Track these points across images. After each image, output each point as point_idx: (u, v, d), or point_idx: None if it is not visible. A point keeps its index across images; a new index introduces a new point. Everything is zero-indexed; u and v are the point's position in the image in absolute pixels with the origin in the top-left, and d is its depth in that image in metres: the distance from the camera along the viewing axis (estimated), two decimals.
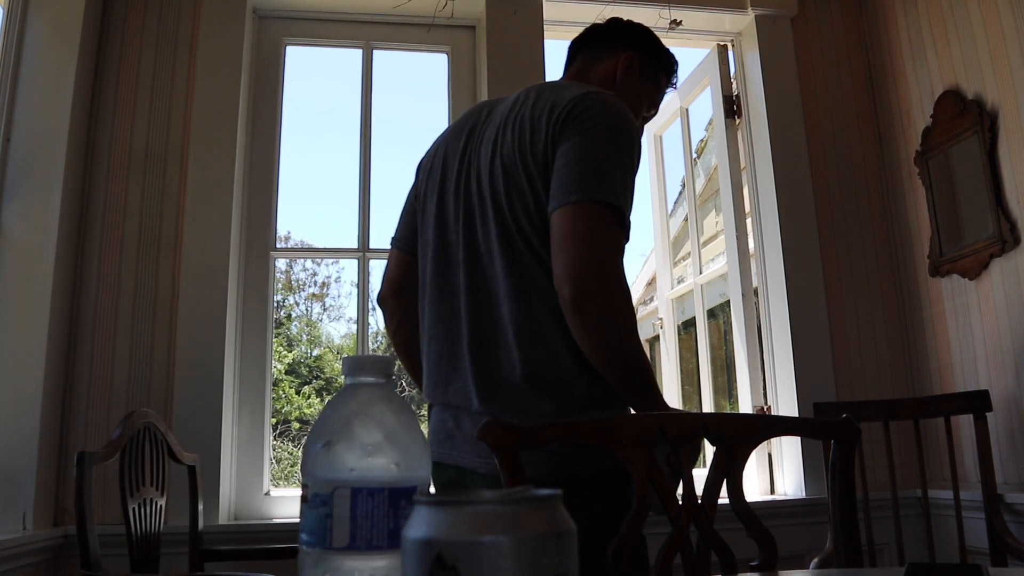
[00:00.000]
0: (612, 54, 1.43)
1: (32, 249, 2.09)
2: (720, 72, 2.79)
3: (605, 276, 1.10)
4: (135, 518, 1.66)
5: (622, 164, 1.16)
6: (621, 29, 1.47)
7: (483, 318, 1.21)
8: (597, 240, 1.11)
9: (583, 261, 1.10)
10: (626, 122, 1.21)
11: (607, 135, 1.17)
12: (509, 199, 1.20)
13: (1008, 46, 2.19)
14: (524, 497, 0.41)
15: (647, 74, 1.44)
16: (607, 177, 1.14)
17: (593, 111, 1.19)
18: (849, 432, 1.10)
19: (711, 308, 2.94)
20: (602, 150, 1.16)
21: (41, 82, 2.19)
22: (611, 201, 1.12)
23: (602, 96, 1.22)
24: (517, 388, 1.16)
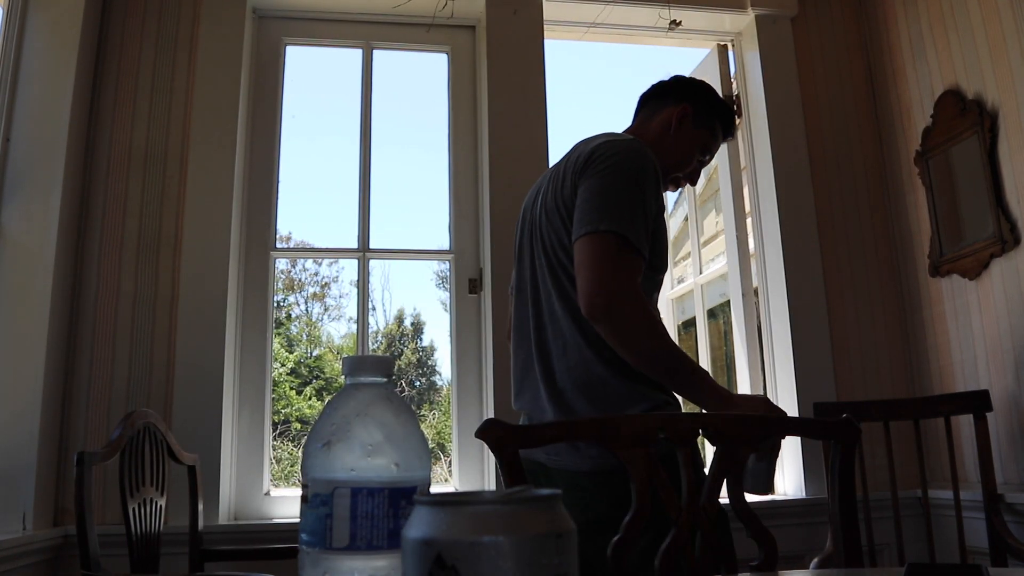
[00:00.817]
0: (671, 106, 1.62)
1: (32, 249, 2.09)
2: (720, 72, 2.78)
3: (607, 294, 1.28)
4: (135, 518, 1.66)
5: (629, 196, 1.34)
6: (680, 84, 1.67)
7: (542, 336, 1.46)
8: (602, 264, 1.30)
9: (590, 284, 1.29)
10: (637, 160, 1.39)
11: (615, 174, 1.37)
12: (550, 238, 1.45)
13: (1008, 46, 2.19)
14: (524, 497, 0.41)
15: (701, 122, 1.61)
16: (612, 209, 1.33)
17: (606, 155, 1.40)
18: (849, 432, 1.10)
19: (711, 308, 2.94)
20: (610, 187, 1.36)
21: (41, 82, 2.19)
22: (615, 229, 1.30)
23: (619, 142, 1.42)
24: (566, 392, 1.39)
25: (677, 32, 2.68)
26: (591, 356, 1.37)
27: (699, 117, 1.62)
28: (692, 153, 1.62)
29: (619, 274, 1.29)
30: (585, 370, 1.38)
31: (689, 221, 3.06)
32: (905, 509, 2.21)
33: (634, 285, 1.30)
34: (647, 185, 1.37)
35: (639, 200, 1.35)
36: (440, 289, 12.71)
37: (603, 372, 1.36)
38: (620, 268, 1.30)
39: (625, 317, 1.28)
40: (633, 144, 1.43)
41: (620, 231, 1.31)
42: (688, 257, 3.09)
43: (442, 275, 11.13)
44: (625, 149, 1.40)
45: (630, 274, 1.31)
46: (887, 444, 2.14)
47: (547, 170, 1.61)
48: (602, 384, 1.36)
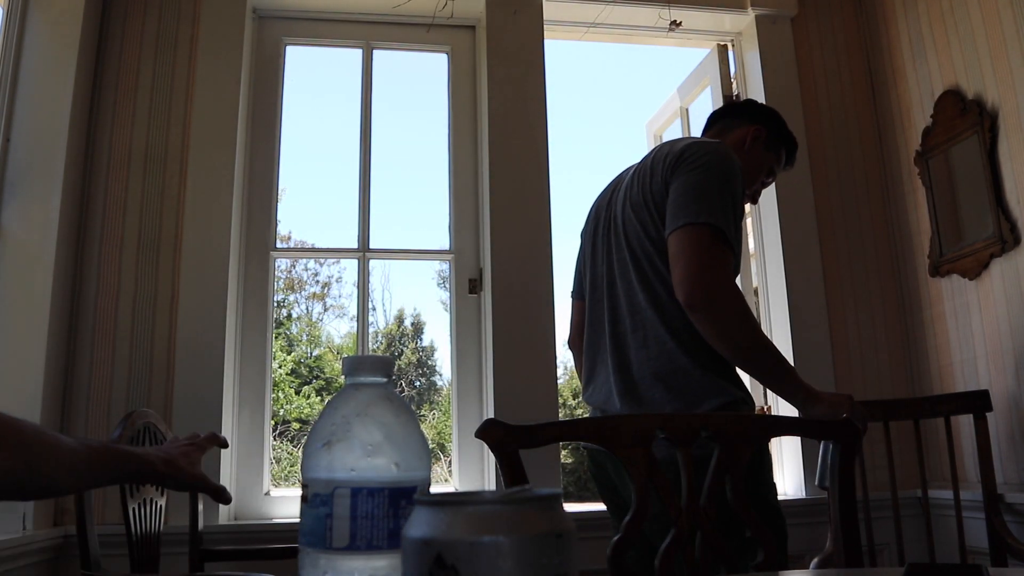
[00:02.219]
0: (745, 125, 1.68)
1: (32, 249, 2.09)
2: (720, 72, 2.78)
3: (707, 283, 1.32)
4: (135, 518, 1.66)
5: (721, 193, 1.39)
6: (755, 107, 1.75)
7: (619, 330, 1.49)
8: (699, 255, 1.34)
9: (688, 273, 1.33)
10: (727, 161, 1.44)
11: (709, 171, 1.42)
12: (635, 231, 1.48)
13: (1008, 46, 2.19)
14: (524, 497, 0.41)
15: (771, 145, 1.68)
16: (707, 204, 1.37)
17: (699, 154, 1.45)
18: (849, 432, 1.10)
19: None
20: (704, 183, 1.40)
21: (41, 82, 2.19)
22: (711, 222, 1.35)
23: (709, 144, 1.47)
24: (644, 381, 1.42)
25: (677, 32, 2.68)
26: (674, 347, 1.41)
27: (771, 140, 1.68)
28: (760, 173, 1.69)
29: (716, 265, 1.34)
30: (667, 360, 1.41)
31: None
32: (905, 509, 2.21)
33: (731, 277, 1.36)
34: (736, 185, 1.43)
35: (731, 198, 1.40)
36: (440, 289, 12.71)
37: (686, 363, 1.39)
38: (717, 259, 1.34)
39: (723, 307, 1.32)
40: (722, 147, 1.49)
41: (717, 224, 1.35)
42: None
43: (442, 275, 11.13)
44: (715, 150, 1.46)
45: (726, 267, 1.35)
46: (887, 444, 2.14)
47: (621, 173, 1.67)
48: (684, 374, 1.39)
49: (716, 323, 1.33)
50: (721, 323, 1.33)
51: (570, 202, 14.58)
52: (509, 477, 1.03)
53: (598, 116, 21.89)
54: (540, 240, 2.40)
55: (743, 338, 1.33)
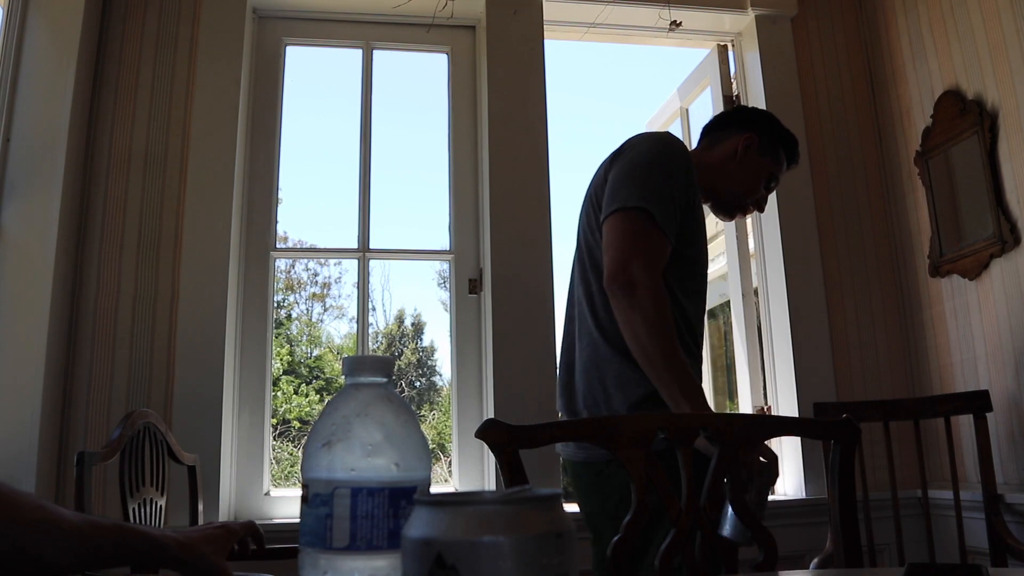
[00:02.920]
0: (735, 134, 1.64)
1: (32, 249, 2.09)
2: (720, 72, 2.78)
3: (629, 272, 1.31)
4: (135, 518, 1.66)
5: (651, 176, 1.38)
6: (744, 114, 1.71)
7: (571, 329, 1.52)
8: (625, 240, 1.33)
9: (611, 259, 1.33)
10: (659, 145, 1.44)
11: (641, 157, 1.43)
12: (584, 227, 1.52)
13: (1008, 46, 2.19)
14: (524, 497, 0.41)
15: (766, 150, 1.64)
16: (637, 188, 1.37)
17: (634, 143, 1.46)
18: (849, 432, 1.10)
19: (711, 308, 2.94)
20: (634, 168, 1.41)
21: (41, 82, 2.19)
22: (639, 205, 1.34)
23: (648, 133, 1.49)
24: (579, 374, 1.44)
25: (677, 32, 2.68)
26: (598, 337, 1.41)
27: (765, 145, 1.65)
28: (758, 180, 1.65)
29: (641, 251, 1.32)
30: (594, 351, 1.41)
31: None
32: (905, 509, 2.21)
33: (655, 264, 1.32)
34: (674, 170, 1.41)
35: (665, 183, 1.38)
36: (440, 289, 12.71)
37: (609, 353, 1.39)
38: (644, 244, 1.33)
39: (635, 300, 1.30)
40: (661, 134, 1.48)
41: (646, 207, 1.34)
42: None
43: (442, 275, 11.14)
44: (649, 137, 1.46)
45: (654, 251, 1.33)
46: (887, 444, 2.14)
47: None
48: (608, 364, 1.39)
49: (624, 312, 1.31)
50: (629, 314, 1.30)
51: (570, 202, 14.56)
52: (509, 477, 1.03)
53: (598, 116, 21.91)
54: (540, 240, 2.40)
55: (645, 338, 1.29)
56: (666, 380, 1.29)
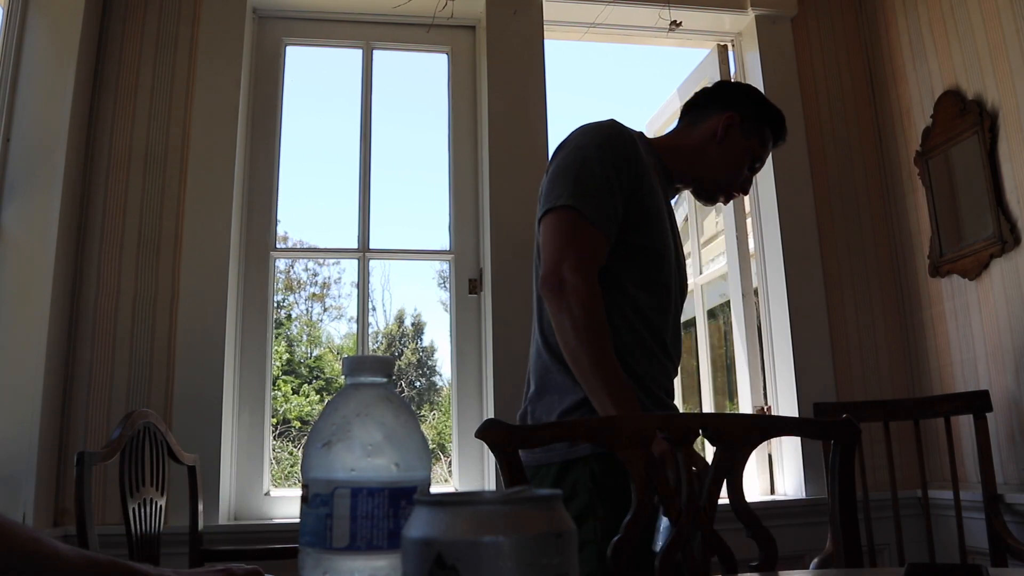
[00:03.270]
0: (714, 114, 1.55)
1: (32, 249, 2.09)
2: (720, 72, 2.78)
3: (559, 275, 1.27)
4: (135, 518, 1.66)
5: (585, 171, 1.32)
6: (725, 92, 1.61)
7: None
8: (555, 240, 1.29)
9: (546, 261, 1.30)
10: (592, 136, 1.38)
11: (572, 152, 1.37)
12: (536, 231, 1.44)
13: (1008, 46, 2.19)
14: (524, 497, 0.41)
15: (749, 129, 1.54)
16: (567, 185, 1.32)
17: (570, 138, 1.40)
18: (849, 432, 1.10)
19: (711, 308, 2.94)
20: (564, 165, 1.35)
21: (41, 82, 2.19)
22: (568, 203, 1.29)
23: (586, 125, 1.42)
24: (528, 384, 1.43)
25: (677, 32, 2.68)
26: (540, 342, 1.38)
27: (747, 125, 1.54)
28: (742, 162, 1.55)
29: (571, 252, 1.27)
30: (537, 357, 1.39)
31: (689, 221, 3.06)
32: (905, 509, 2.21)
33: (587, 264, 1.27)
34: (610, 160, 1.34)
35: (600, 175, 1.32)
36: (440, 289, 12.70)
37: (548, 360, 1.36)
38: (574, 245, 1.28)
39: (564, 297, 1.25)
40: (601, 123, 1.41)
41: (575, 205, 1.29)
42: (688, 257, 3.08)
43: (442, 275, 11.13)
44: (589, 129, 1.40)
45: (585, 251, 1.28)
46: (887, 444, 2.14)
47: None
48: (546, 371, 1.36)
49: (555, 315, 1.27)
50: (559, 317, 1.26)
51: None
52: (509, 477, 1.03)
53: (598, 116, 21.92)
54: None
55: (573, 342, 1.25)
56: (593, 385, 1.24)
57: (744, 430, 1.09)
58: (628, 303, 1.36)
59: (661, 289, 1.41)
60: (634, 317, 1.37)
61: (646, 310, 1.38)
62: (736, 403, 2.68)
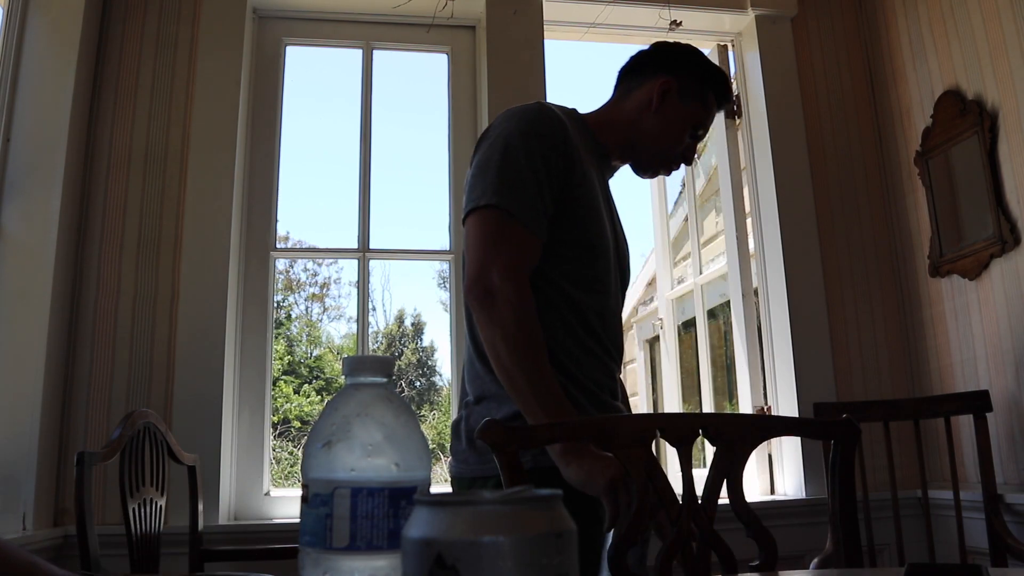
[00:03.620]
0: (649, 80, 1.42)
1: (32, 249, 2.09)
2: None
3: (481, 279, 1.18)
4: (135, 518, 1.66)
5: (506, 161, 1.22)
6: (661, 53, 1.46)
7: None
8: (479, 244, 1.20)
9: (469, 267, 1.21)
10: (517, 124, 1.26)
11: (495, 144, 1.25)
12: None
13: (1008, 46, 2.19)
14: (524, 497, 0.41)
15: (689, 94, 1.41)
16: (488, 182, 1.21)
17: (492, 126, 1.29)
18: (849, 432, 1.10)
19: (711, 308, 2.94)
20: (489, 159, 1.24)
21: (41, 82, 2.19)
22: (491, 203, 1.19)
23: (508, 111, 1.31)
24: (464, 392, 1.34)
25: (677, 32, 2.68)
26: (472, 349, 1.30)
27: (687, 90, 1.41)
28: (682, 131, 1.41)
29: (500, 256, 1.17)
30: (471, 365, 1.30)
31: (689, 221, 3.06)
32: (905, 509, 2.21)
33: (518, 268, 1.18)
34: (537, 149, 1.23)
35: (526, 168, 1.21)
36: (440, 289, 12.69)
37: (480, 369, 1.27)
38: (502, 248, 1.18)
39: (494, 306, 1.15)
40: (519, 108, 1.29)
41: (500, 204, 1.19)
42: (688, 257, 3.09)
43: (442, 275, 11.13)
44: (512, 114, 1.28)
45: (515, 254, 1.18)
46: (887, 444, 2.14)
47: None
48: (475, 373, 1.28)
49: (483, 326, 1.17)
50: (488, 329, 1.16)
51: None
52: (509, 477, 1.03)
53: None
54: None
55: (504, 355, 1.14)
56: (531, 407, 1.12)
57: (744, 430, 1.09)
58: (565, 303, 1.27)
59: (599, 286, 1.32)
60: (572, 317, 1.27)
61: (584, 309, 1.28)
62: (736, 403, 2.68)
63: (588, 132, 1.41)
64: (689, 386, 3.29)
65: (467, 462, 1.23)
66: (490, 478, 1.18)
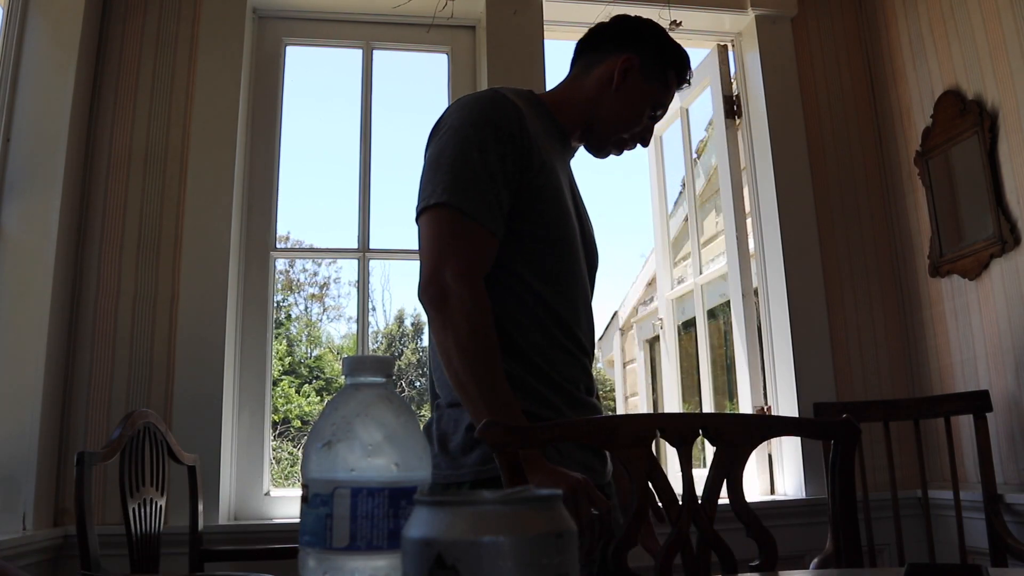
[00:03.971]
0: (611, 56, 1.37)
1: (32, 249, 2.09)
2: (720, 72, 2.78)
3: (435, 285, 1.13)
4: (135, 518, 1.66)
5: (459, 155, 1.18)
6: (623, 28, 1.41)
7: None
8: (430, 246, 1.15)
9: (423, 269, 1.16)
10: (468, 114, 1.22)
11: (446, 137, 1.21)
12: None
13: (1008, 46, 2.19)
14: (524, 497, 0.41)
15: (651, 73, 1.37)
16: (440, 178, 1.17)
17: (443, 118, 1.26)
18: (849, 432, 1.10)
19: (711, 308, 2.94)
20: (441, 152, 1.20)
21: (41, 82, 2.19)
22: (444, 201, 1.15)
23: (460, 100, 1.27)
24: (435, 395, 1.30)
25: (677, 32, 2.67)
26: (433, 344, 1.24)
27: (649, 68, 1.36)
28: (641, 111, 1.37)
29: (453, 256, 1.13)
30: (437, 368, 1.25)
31: (689, 221, 3.06)
32: (905, 509, 2.21)
33: (473, 268, 1.14)
34: (487, 140, 1.18)
35: (476, 160, 1.16)
36: None
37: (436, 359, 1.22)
38: (456, 248, 1.13)
39: (446, 309, 1.11)
40: (472, 97, 1.25)
41: (453, 202, 1.14)
42: (688, 257, 3.09)
43: None
44: (460, 104, 1.25)
45: (469, 253, 1.14)
46: (887, 444, 2.14)
47: None
48: (447, 386, 1.21)
49: (436, 331, 1.13)
50: (440, 333, 1.12)
51: None
52: (509, 477, 1.03)
53: None
54: None
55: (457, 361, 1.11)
56: (480, 412, 1.09)
57: (744, 430, 1.09)
58: (535, 300, 1.23)
59: (569, 279, 1.27)
60: (543, 314, 1.23)
61: (555, 305, 1.24)
62: (736, 403, 2.68)
63: (547, 114, 1.36)
64: (689, 386, 3.29)
65: (438, 467, 1.18)
66: (463, 483, 1.16)
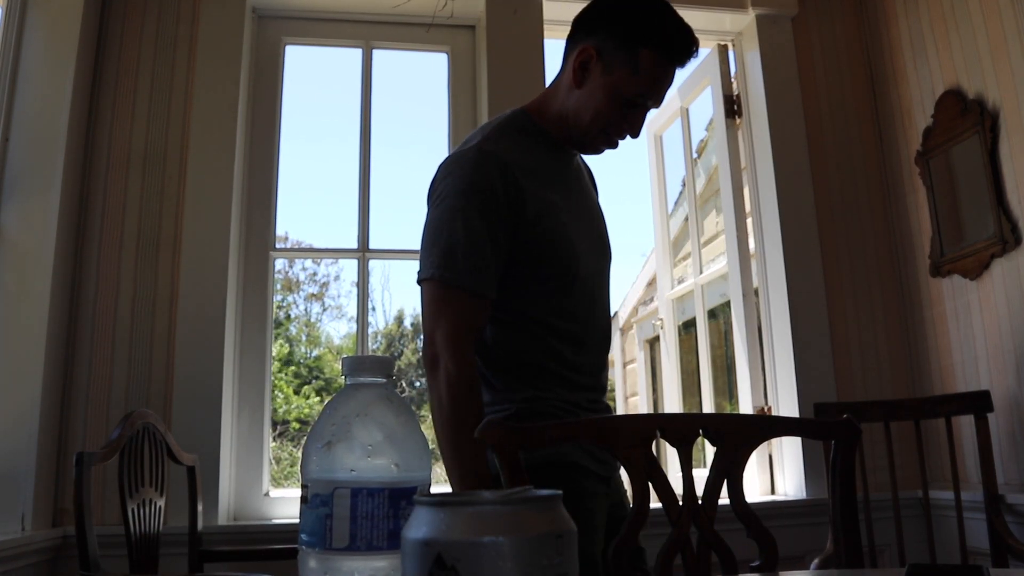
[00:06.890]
0: (574, 50, 1.29)
1: (31, 250, 2.08)
2: (720, 72, 2.78)
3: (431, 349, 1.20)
4: (134, 519, 1.66)
5: (443, 223, 1.22)
6: (582, 15, 1.30)
7: None
8: (425, 318, 1.22)
9: (424, 336, 1.22)
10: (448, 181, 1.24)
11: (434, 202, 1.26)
12: None
13: (1009, 46, 2.19)
14: (524, 497, 0.41)
15: (614, 62, 1.24)
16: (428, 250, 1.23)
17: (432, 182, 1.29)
18: (850, 432, 1.10)
19: (711, 308, 2.94)
20: (430, 221, 1.25)
21: (41, 82, 2.18)
22: (431, 275, 1.21)
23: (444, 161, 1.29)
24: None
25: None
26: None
27: (609, 55, 1.24)
28: (608, 107, 1.26)
29: (437, 328, 1.19)
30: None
31: (689, 221, 3.06)
32: (906, 510, 2.21)
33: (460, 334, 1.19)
34: (472, 207, 1.19)
35: (459, 231, 1.19)
36: None
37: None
38: (439, 320, 1.19)
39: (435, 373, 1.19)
40: (456, 157, 1.25)
41: (442, 276, 1.19)
42: (688, 257, 3.08)
43: None
44: (447, 167, 1.26)
45: (457, 320, 1.19)
46: (887, 444, 2.14)
47: None
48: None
49: (429, 390, 1.21)
50: (430, 394, 1.20)
51: None
52: (509, 477, 1.03)
53: None
54: None
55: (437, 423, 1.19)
56: (451, 473, 1.16)
57: (745, 430, 1.09)
58: (546, 332, 1.27)
59: (581, 311, 1.30)
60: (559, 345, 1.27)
61: (565, 339, 1.28)
62: (736, 403, 2.68)
63: (536, 130, 1.32)
64: (689, 386, 3.29)
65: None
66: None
